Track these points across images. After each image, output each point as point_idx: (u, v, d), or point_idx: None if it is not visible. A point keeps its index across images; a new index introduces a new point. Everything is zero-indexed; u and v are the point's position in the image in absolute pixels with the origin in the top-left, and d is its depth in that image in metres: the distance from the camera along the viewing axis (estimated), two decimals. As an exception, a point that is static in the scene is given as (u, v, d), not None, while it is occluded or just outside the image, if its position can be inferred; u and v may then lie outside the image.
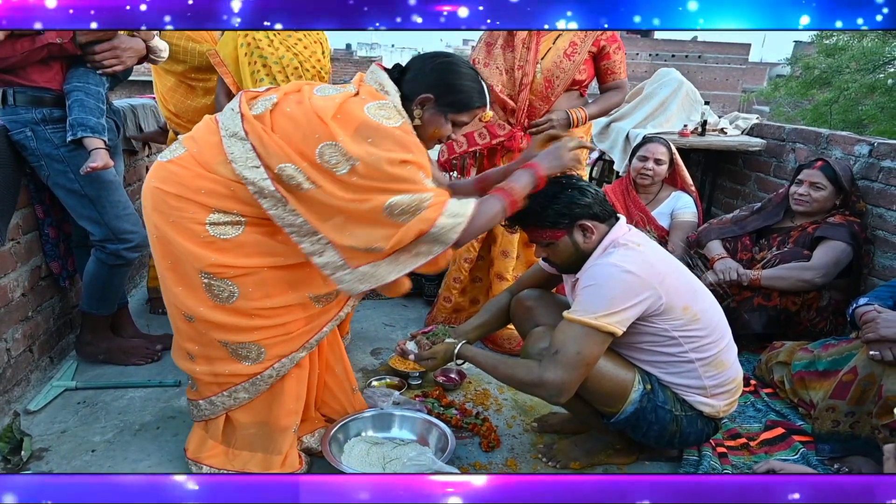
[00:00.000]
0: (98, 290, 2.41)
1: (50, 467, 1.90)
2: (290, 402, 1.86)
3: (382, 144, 1.56)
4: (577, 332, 1.70)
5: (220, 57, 2.65)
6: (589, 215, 1.81)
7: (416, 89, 1.70)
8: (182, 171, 1.66)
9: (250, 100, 1.70)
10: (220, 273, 1.68)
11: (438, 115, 1.72)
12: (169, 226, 1.66)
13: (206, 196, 1.64)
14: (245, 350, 1.77)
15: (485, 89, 1.76)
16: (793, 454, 2.07)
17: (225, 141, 1.65)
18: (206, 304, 1.71)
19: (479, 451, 2.07)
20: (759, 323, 2.66)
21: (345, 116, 1.58)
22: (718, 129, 3.95)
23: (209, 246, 1.66)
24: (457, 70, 1.72)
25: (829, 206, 2.77)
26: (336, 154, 1.55)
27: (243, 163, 1.61)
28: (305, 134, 1.57)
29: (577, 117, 2.66)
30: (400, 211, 1.57)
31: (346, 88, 1.70)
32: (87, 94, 2.15)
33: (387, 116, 1.60)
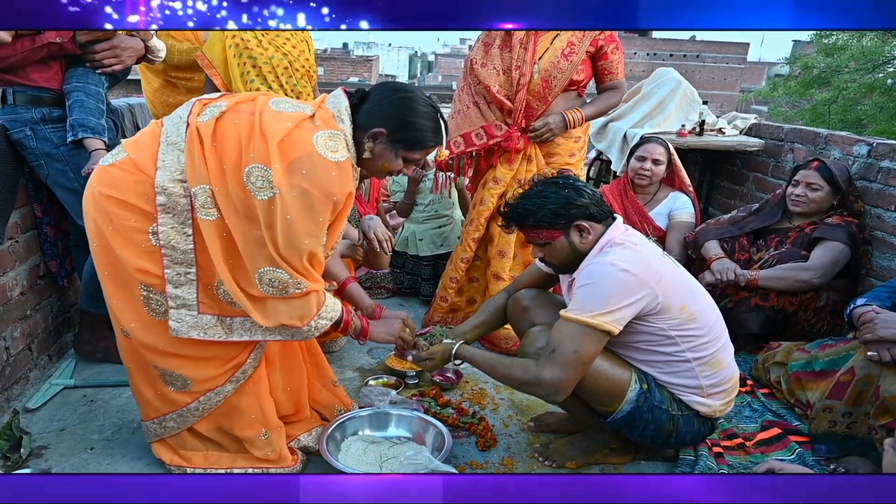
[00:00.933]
0: (97, 289, 2.40)
1: (49, 465, 1.91)
2: (249, 414, 1.85)
3: (313, 180, 1.55)
4: (574, 330, 1.70)
5: (209, 59, 2.63)
6: (585, 215, 1.81)
7: (370, 121, 1.69)
8: (123, 175, 1.64)
9: (203, 107, 1.68)
10: (157, 286, 1.67)
11: (389, 150, 1.71)
12: (111, 233, 1.64)
13: (147, 204, 1.62)
14: (171, 377, 1.78)
15: (441, 129, 1.75)
16: (789, 454, 2.08)
17: (162, 148, 1.64)
18: (142, 319, 1.71)
19: (476, 450, 2.08)
20: (756, 323, 2.67)
21: (290, 143, 1.57)
22: (716, 128, 3.96)
23: (149, 256, 1.65)
24: (414, 107, 1.70)
25: (826, 207, 2.78)
26: (263, 178, 1.54)
27: (170, 173, 1.61)
28: (244, 149, 1.57)
29: (574, 119, 2.67)
30: (271, 281, 1.61)
31: (303, 108, 1.68)
32: (87, 94, 2.15)
33: (333, 149, 1.60)
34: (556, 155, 2.75)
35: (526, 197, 1.85)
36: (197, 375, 1.77)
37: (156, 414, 1.85)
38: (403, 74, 45.57)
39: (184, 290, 1.66)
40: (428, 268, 3.36)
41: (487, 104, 2.69)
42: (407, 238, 3.40)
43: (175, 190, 1.60)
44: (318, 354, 2.13)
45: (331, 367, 2.20)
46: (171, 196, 1.60)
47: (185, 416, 1.84)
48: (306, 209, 1.56)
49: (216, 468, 1.86)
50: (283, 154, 1.55)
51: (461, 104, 2.76)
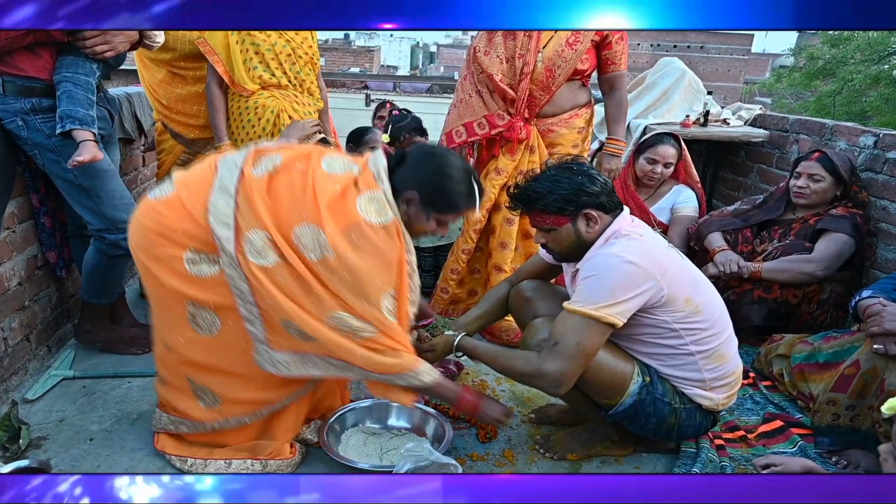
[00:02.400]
0: (98, 280, 2.40)
1: (48, 456, 1.90)
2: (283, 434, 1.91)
3: (367, 247, 1.60)
4: (577, 322, 1.69)
5: (210, 45, 2.62)
6: (595, 204, 1.79)
7: (405, 185, 1.72)
8: (166, 211, 1.69)
9: (257, 157, 1.71)
10: (203, 304, 1.71)
11: (421, 213, 1.75)
12: (151, 260, 1.70)
13: (183, 237, 1.67)
14: (202, 392, 1.81)
15: (475, 192, 1.77)
16: (791, 447, 2.07)
17: (213, 193, 1.67)
18: (186, 335, 1.74)
19: (476, 441, 2.07)
20: (759, 315, 2.65)
21: (339, 209, 1.61)
22: (721, 119, 3.92)
23: (190, 281, 1.69)
24: (446, 172, 1.73)
25: (829, 198, 2.75)
26: (314, 240, 1.58)
27: (219, 217, 1.64)
28: (295, 206, 1.61)
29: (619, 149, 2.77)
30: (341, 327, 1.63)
31: (352, 168, 1.72)
32: (75, 84, 2.11)
33: (378, 211, 1.64)
34: (559, 145, 2.73)
35: (538, 180, 1.83)
36: (228, 395, 1.81)
37: (175, 413, 1.89)
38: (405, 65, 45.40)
39: (255, 326, 1.70)
40: (429, 259, 3.35)
41: (490, 93, 2.66)
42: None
43: (223, 234, 1.64)
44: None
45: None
46: (220, 239, 1.64)
47: (198, 427, 1.87)
48: (363, 273, 1.60)
49: (215, 458, 1.86)
50: (334, 218, 1.60)
51: (464, 93, 2.73)
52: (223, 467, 1.84)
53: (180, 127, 2.91)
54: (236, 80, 2.65)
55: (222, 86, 2.70)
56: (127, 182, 3.14)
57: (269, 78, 2.67)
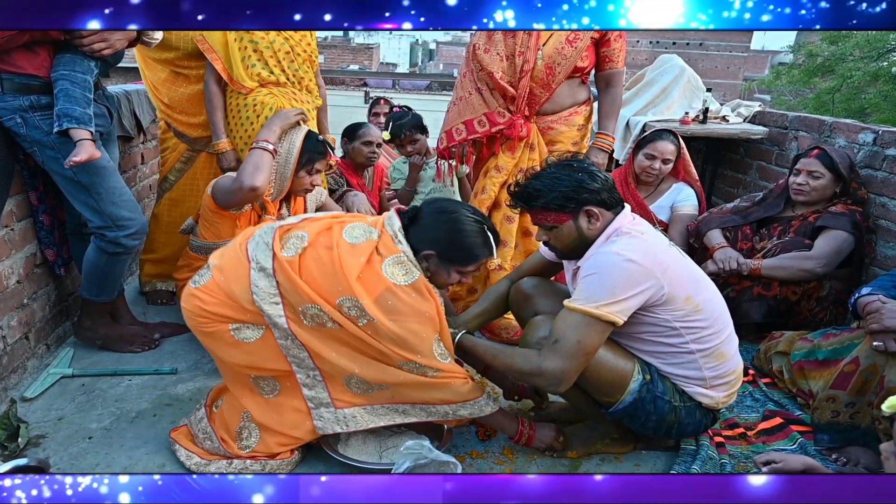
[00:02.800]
0: (98, 278, 2.40)
1: (47, 454, 1.89)
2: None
3: (402, 310, 1.69)
4: (578, 320, 1.68)
5: (209, 43, 2.62)
6: (596, 201, 1.79)
7: (421, 244, 1.78)
8: (207, 297, 1.78)
9: (283, 234, 1.79)
10: (259, 371, 1.81)
11: (441, 268, 1.81)
12: (205, 338, 1.82)
13: (224, 318, 1.77)
14: (247, 433, 1.86)
15: (490, 240, 1.83)
16: (791, 444, 2.07)
17: (253, 274, 1.75)
18: (256, 400, 1.85)
19: (476, 439, 2.07)
20: (758, 312, 2.65)
21: (367, 278, 1.70)
22: (720, 116, 3.92)
23: (239, 347, 1.78)
24: (459, 227, 1.80)
25: (828, 195, 2.75)
26: (355, 308, 1.67)
27: (265, 297, 1.72)
28: (330, 283, 1.69)
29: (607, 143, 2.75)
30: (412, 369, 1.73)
31: (371, 234, 1.79)
32: (72, 82, 2.09)
33: (404, 273, 1.73)
34: (558, 143, 2.72)
35: (538, 177, 1.82)
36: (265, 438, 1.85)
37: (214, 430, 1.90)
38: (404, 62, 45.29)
39: (316, 390, 1.80)
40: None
41: (490, 91, 2.65)
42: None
43: (272, 311, 1.72)
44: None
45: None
46: (270, 317, 1.72)
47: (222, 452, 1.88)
48: (407, 333, 1.69)
49: (216, 458, 1.86)
50: (367, 290, 1.68)
51: (463, 90, 2.72)
52: (224, 466, 1.84)
53: (183, 126, 2.90)
54: (235, 78, 2.64)
55: (221, 83, 2.69)
56: (126, 180, 3.12)
57: (268, 76, 2.67)
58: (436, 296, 1.77)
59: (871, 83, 15.35)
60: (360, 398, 1.80)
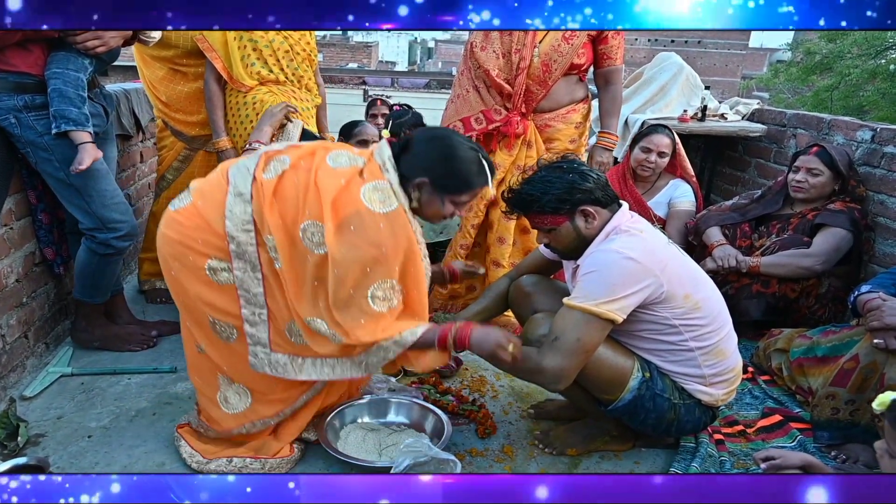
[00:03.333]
0: (90, 280, 2.38)
1: (46, 453, 1.89)
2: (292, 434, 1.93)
3: (362, 235, 1.59)
4: (577, 318, 1.69)
5: (209, 42, 2.62)
6: (591, 200, 1.79)
7: (413, 171, 1.70)
8: (185, 221, 1.73)
9: (267, 161, 1.73)
10: (222, 317, 1.75)
11: (435, 197, 1.72)
12: (177, 268, 1.75)
13: (202, 246, 1.71)
14: (234, 397, 1.84)
15: (485, 168, 1.74)
16: (790, 441, 2.07)
17: (229, 198, 1.70)
18: (211, 340, 1.79)
19: (476, 437, 2.07)
20: (757, 310, 2.65)
21: (341, 201, 1.62)
22: (718, 114, 3.92)
23: (210, 286, 1.73)
24: (454, 153, 1.70)
25: (827, 192, 2.75)
26: (317, 234, 1.61)
27: (237, 223, 1.67)
28: (300, 206, 1.64)
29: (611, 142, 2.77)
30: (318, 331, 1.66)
31: (357, 161, 1.72)
32: (65, 81, 2.07)
33: (381, 199, 1.64)
34: (556, 140, 2.72)
35: (530, 182, 1.82)
36: (256, 397, 1.84)
37: (205, 420, 1.91)
38: (403, 61, 45.23)
39: (258, 328, 1.74)
40: (427, 255, 3.34)
41: (487, 88, 2.65)
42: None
43: (242, 238, 1.67)
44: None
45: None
46: (239, 244, 1.67)
47: (223, 435, 1.89)
48: (354, 262, 1.59)
49: (217, 457, 1.87)
50: (336, 212, 1.61)
51: (461, 88, 2.72)
52: (224, 464, 1.85)
53: (181, 125, 2.89)
54: (234, 77, 2.64)
55: (220, 82, 2.69)
56: (125, 178, 3.13)
57: (267, 74, 2.67)
58: (413, 234, 1.68)
59: (869, 80, 15.37)
60: (295, 348, 1.73)
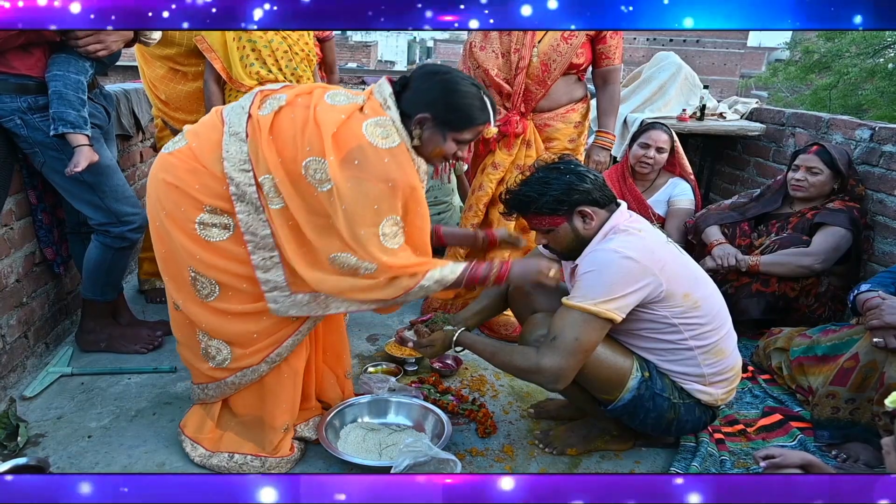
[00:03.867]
0: (102, 276, 2.38)
1: (46, 453, 1.89)
2: (285, 402, 1.89)
3: (367, 169, 1.57)
4: (576, 318, 1.69)
5: (208, 42, 2.63)
6: (588, 201, 1.79)
7: (414, 108, 1.67)
8: (179, 163, 1.69)
9: (263, 98, 1.70)
10: (204, 271, 1.71)
11: (437, 134, 1.69)
12: (165, 216, 1.70)
13: (198, 192, 1.67)
14: (214, 350, 1.81)
15: (487, 105, 1.72)
16: (790, 440, 2.07)
17: (225, 138, 1.67)
18: (189, 297, 1.76)
19: (476, 437, 2.07)
20: (757, 309, 2.65)
21: (343, 135, 1.59)
22: (717, 113, 3.92)
23: (196, 242, 1.69)
24: (455, 88, 1.68)
25: (827, 191, 2.75)
26: (320, 170, 1.57)
27: (236, 164, 1.64)
28: (299, 143, 1.60)
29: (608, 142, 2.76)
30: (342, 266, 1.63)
31: (356, 99, 1.69)
32: (65, 84, 2.07)
33: (384, 135, 1.61)
34: (555, 140, 2.72)
35: (527, 183, 1.82)
36: (236, 350, 1.80)
37: (199, 381, 1.90)
38: (402, 60, 45.18)
39: (272, 273, 1.70)
40: (427, 254, 3.34)
41: (486, 88, 2.65)
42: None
43: (241, 179, 1.64)
44: (340, 342, 2.12)
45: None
46: (238, 185, 1.64)
47: (223, 388, 1.87)
48: (362, 198, 1.57)
49: (219, 451, 1.87)
50: (338, 146, 1.58)
51: (460, 88, 2.72)
52: (225, 460, 1.85)
53: (179, 124, 2.89)
54: (234, 77, 2.65)
55: (220, 82, 2.70)
56: (125, 178, 3.12)
57: (266, 74, 2.67)
58: (416, 171, 1.67)
59: (867, 79, 15.37)
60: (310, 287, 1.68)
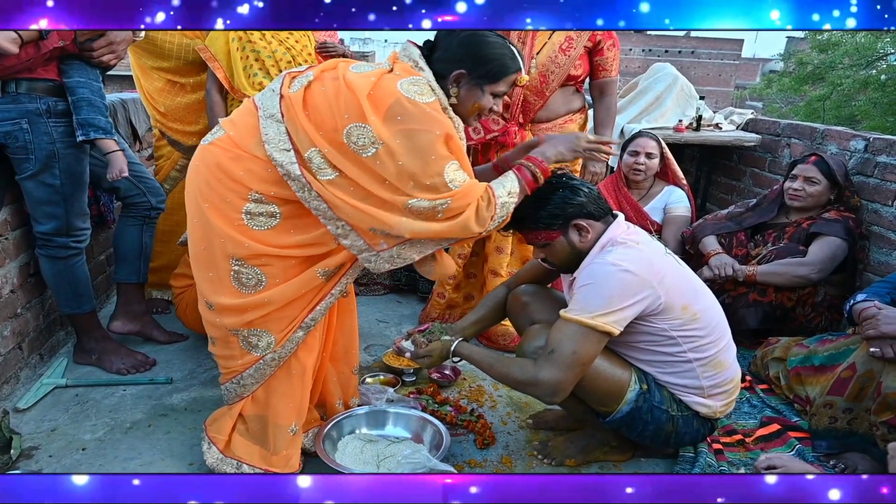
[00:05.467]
0: (66, 288, 2.33)
1: (40, 466, 1.88)
2: (292, 400, 1.85)
3: (412, 122, 1.57)
4: (574, 331, 1.68)
5: (211, 52, 2.63)
6: (583, 214, 1.79)
7: (447, 67, 1.70)
8: (221, 152, 1.69)
9: (291, 80, 1.72)
10: (251, 260, 1.70)
11: (475, 88, 1.72)
12: (208, 207, 1.69)
13: (244, 178, 1.67)
14: (256, 338, 1.78)
15: (516, 54, 1.75)
16: (788, 450, 2.07)
17: (262, 122, 1.68)
18: (230, 293, 1.74)
19: (474, 448, 2.06)
20: (754, 319, 2.66)
21: (378, 94, 1.59)
22: (713, 124, 3.95)
23: (244, 232, 1.69)
24: (483, 40, 1.70)
25: (823, 201, 2.77)
26: (364, 136, 1.57)
27: (275, 144, 1.65)
28: (336, 112, 1.60)
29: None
30: (420, 210, 1.60)
31: (381, 65, 1.71)
32: (92, 91, 2.10)
33: (419, 92, 1.61)
34: (553, 150, 2.73)
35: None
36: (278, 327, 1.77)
37: (234, 374, 1.84)
38: (398, 71, 45.36)
39: (351, 238, 1.68)
40: (424, 264, 3.33)
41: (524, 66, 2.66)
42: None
43: (283, 159, 1.63)
44: (350, 336, 2.09)
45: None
46: (283, 165, 1.63)
47: (263, 369, 1.81)
48: (416, 150, 1.57)
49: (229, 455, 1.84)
50: (376, 106, 1.57)
51: (458, 99, 2.73)
52: (233, 468, 1.82)
53: (178, 135, 2.89)
54: (236, 86, 2.65)
55: (222, 92, 2.70)
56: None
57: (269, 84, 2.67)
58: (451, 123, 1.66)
59: (860, 90, 15.50)
60: (391, 239, 1.67)
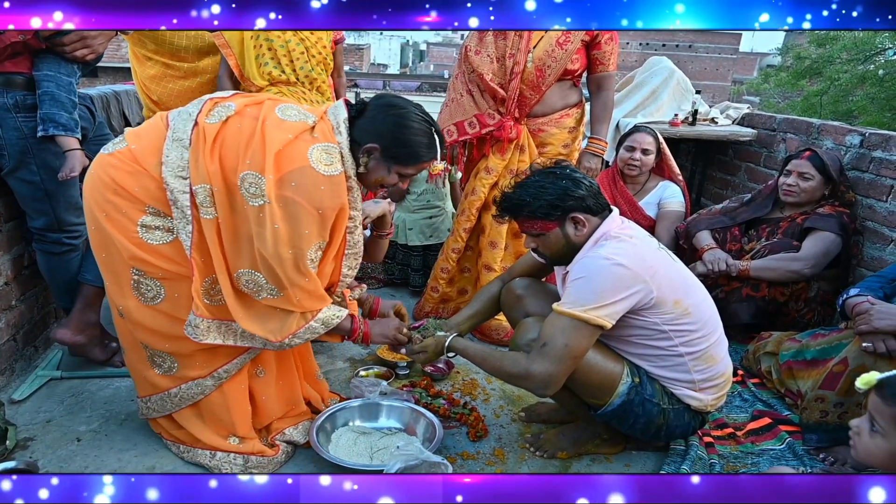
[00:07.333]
0: (62, 283, 2.33)
1: (35, 457, 1.88)
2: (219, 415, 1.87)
3: (302, 195, 1.58)
4: (566, 324, 1.69)
5: (225, 38, 2.61)
6: (582, 208, 1.79)
7: (365, 137, 1.70)
8: (119, 164, 1.67)
9: (213, 106, 1.70)
10: (149, 271, 1.70)
11: (382, 165, 1.73)
12: (104, 218, 1.68)
13: (140, 193, 1.66)
14: (160, 358, 1.81)
15: (436, 143, 1.76)
16: (779, 444, 2.09)
17: (167, 143, 1.66)
18: (133, 301, 1.73)
19: (467, 440, 2.07)
20: (747, 313, 2.67)
21: (287, 155, 1.59)
22: (709, 118, 3.95)
23: (139, 245, 1.68)
24: (407, 124, 1.71)
25: (817, 197, 2.77)
26: (255, 185, 1.57)
27: (173, 170, 1.64)
28: (241, 154, 1.60)
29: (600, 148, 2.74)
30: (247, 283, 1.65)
31: (307, 118, 1.69)
32: (58, 85, 2.05)
33: (328, 162, 1.62)
34: (549, 145, 2.73)
35: (522, 186, 1.82)
36: (183, 360, 1.80)
37: (144, 393, 1.90)
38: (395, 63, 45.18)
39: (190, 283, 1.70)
40: (418, 258, 3.34)
41: (481, 92, 2.66)
42: (397, 226, 3.38)
43: (176, 185, 1.63)
44: (300, 350, 2.09)
45: (319, 357, 2.18)
46: (173, 191, 1.63)
47: (165, 402, 1.86)
48: (293, 220, 1.59)
49: (202, 447, 1.87)
50: (279, 166, 1.58)
51: (455, 92, 2.73)
52: (207, 457, 1.86)
53: None
54: (246, 75, 2.64)
55: (233, 80, 2.69)
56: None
57: (279, 75, 2.66)
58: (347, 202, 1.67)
59: (857, 86, 15.49)
60: (211, 309, 1.70)
